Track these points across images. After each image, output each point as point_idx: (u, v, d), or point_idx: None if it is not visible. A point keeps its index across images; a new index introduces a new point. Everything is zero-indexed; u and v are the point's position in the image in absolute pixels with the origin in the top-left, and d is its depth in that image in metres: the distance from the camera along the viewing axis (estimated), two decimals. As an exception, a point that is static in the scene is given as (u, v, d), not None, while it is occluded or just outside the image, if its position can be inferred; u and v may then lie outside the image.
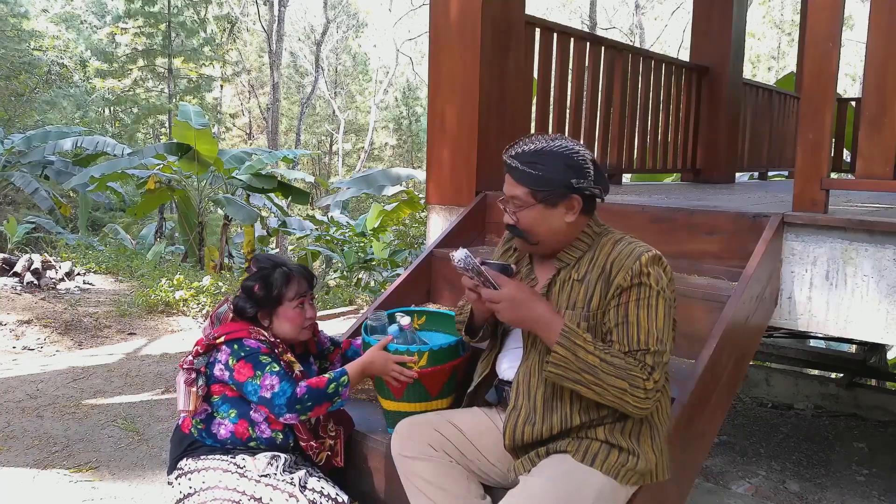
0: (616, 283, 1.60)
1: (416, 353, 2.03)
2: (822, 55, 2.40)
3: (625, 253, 1.63)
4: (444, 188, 3.50)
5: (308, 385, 1.95)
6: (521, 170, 1.65)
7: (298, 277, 2.12)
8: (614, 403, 1.56)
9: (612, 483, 1.63)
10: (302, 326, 2.12)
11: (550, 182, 1.63)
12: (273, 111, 22.91)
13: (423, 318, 2.44)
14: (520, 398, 1.73)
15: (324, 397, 1.95)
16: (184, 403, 2.06)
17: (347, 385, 1.98)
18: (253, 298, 2.08)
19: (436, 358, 2.05)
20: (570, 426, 1.66)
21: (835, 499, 3.59)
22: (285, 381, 1.94)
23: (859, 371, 5.42)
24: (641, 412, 1.56)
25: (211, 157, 9.33)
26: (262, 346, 2.01)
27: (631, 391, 1.52)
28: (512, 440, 1.72)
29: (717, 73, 5.15)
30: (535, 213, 1.66)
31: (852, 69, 24.77)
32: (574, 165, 1.64)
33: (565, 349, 1.54)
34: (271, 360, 1.99)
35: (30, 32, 20.12)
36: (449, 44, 3.37)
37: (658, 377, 1.55)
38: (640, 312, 1.58)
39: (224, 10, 25.47)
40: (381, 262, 10.34)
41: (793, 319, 2.55)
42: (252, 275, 2.12)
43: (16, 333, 5.04)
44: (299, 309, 2.11)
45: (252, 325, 2.08)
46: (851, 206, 2.89)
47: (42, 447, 3.21)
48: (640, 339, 1.56)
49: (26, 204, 15.10)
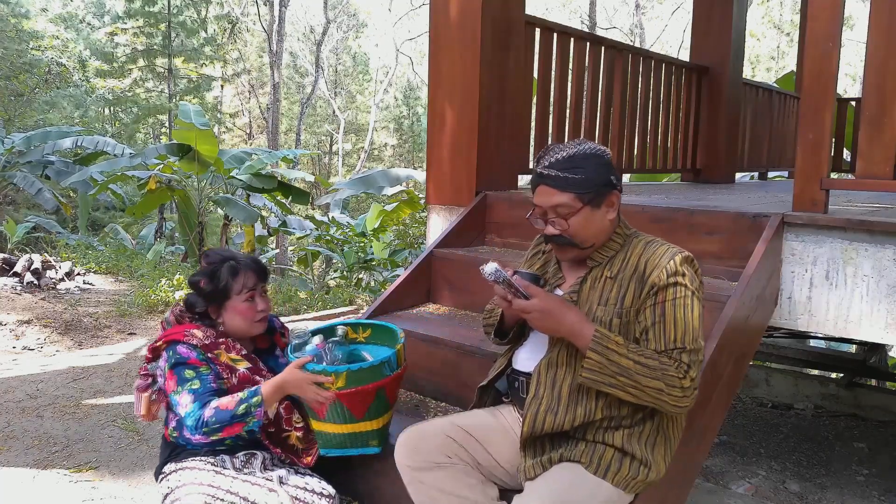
0: (650, 282, 1.63)
1: (334, 373, 1.93)
2: (822, 55, 2.40)
3: (658, 253, 1.67)
4: (444, 188, 3.50)
5: (217, 407, 1.88)
6: (562, 177, 1.66)
7: (246, 270, 2.06)
8: (653, 404, 1.58)
9: (619, 493, 1.64)
10: (254, 320, 2.07)
11: (593, 183, 1.67)
12: (273, 111, 22.90)
13: (369, 331, 2.32)
14: (541, 388, 1.73)
15: (233, 419, 1.88)
16: (136, 409, 2.12)
17: (261, 405, 1.89)
18: (201, 293, 2.05)
19: (355, 378, 1.95)
20: (592, 419, 1.66)
21: (835, 499, 3.59)
22: (197, 402, 1.89)
23: (859, 371, 5.42)
24: (681, 410, 1.59)
25: (211, 157, 9.33)
26: (192, 353, 1.96)
27: (668, 391, 1.54)
28: (531, 428, 1.71)
29: (717, 73, 5.15)
30: (583, 216, 1.68)
31: (852, 69, 24.76)
32: (607, 163, 1.71)
33: (598, 354, 1.57)
34: (195, 374, 1.94)
35: (29, 33, 20.12)
36: (449, 44, 3.37)
37: (694, 374, 1.57)
38: (676, 312, 1.60)
39: (224, 10, 25.47)
40: (381, 262, 10.35)
41: (793, 319, 2.55)
42: (199, 270, 2.09)
43: (16, 333, 5.04)
44: (249, 302, 2.06)
45: (201, 323, 2.06)
46: (851, 206, 2.89)
47: (42, 447, 3.21)
48: (676, 337, 1.59)
49: (26, 204, 15.11)
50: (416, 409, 2.50)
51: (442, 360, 2.57)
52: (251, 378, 2.02)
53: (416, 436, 1.84)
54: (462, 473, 1.78)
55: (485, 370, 2.39)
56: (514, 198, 3.32)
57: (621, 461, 1.64)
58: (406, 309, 2.99)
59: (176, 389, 1.93)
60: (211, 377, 1.97)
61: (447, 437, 1.81)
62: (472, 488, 1.77)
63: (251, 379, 2.02)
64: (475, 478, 1.80)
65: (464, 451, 1.81)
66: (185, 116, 9.37)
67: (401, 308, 2.97)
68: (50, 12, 24.38)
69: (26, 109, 18.23)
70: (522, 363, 1.86)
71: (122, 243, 11.28)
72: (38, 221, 13.10)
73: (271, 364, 2.17)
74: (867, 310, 2.38)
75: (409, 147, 31.13)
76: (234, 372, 2.01)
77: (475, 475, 1.80)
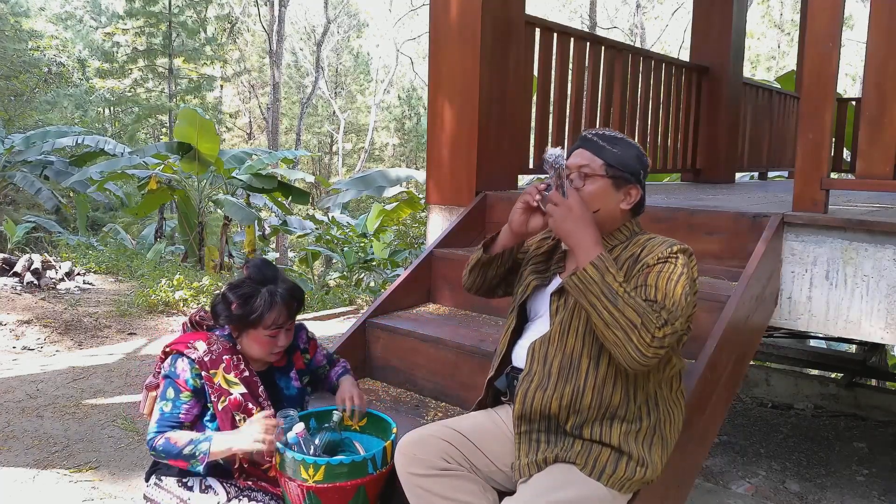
0: (643, 262, 1.65)
1: (312, 464, 1.80)
2: (822, 55, 2.40)
3: (657, 241, 1.70)
4: (444, 188, 3.50)
5: (167, 439, 1.87)
6: (601, 145, 1.74)
7: (281, 306, 1.96)
8: (617, 342, 1.52)
9: (614, 494, 1.64)
10: (270, 353, 2.00)
11: (625, 164, 1.73)
12: (273, 111, 22.89)
13: (364, 420, 2.16)
14: (534, 364, 1.74)
15: (178, 456, 1.85)
16: (142, 405, 2.13)
17: (206, 453, 1.83)
18: (229, 314, 1.98)
19: (334, 473, 1.81)
20: (579, 404, 1.65)
21: (835, 499, 3.59)
22: (158, 423, 1.90)
23: (859, 371, 5.42)
24: (637, 362, 1.51)
25: (212, 155, 9.33)
26: (185, 373, 1.93)
27: (640, 329, 1.49)
28: (521, 405, 1.72)
29: (717, 73, 5.15)
30: (600, 185, 1.73)
31: (852, 69, 24.76)
32: (643, 161, 1.77)
33: (596, 270, 1.55)
34: (174, 395, 1.93)
35: (29, 32, 20.12)
36: (449, 44, 3.37)
37: (669, 332, 1.51)
38: (659, 280, 1.60)
39: (225, 11, 25.47)
40: (382, 262, 10.35)
41: (793, 319, 2.55)
42: (236, 287, 1.99)
43: (16, 333, 5.04)
44: (271, 339, 1.97)
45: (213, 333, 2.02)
46: (851, 206, 2.89)
47: (42, 447, 3.21)
48: (657, 297, 1.57)
49: (26, 204, 15.11)
50: (416, 409, 2.50)
51: (442, 360, 2.57)
52: (242, 405, 1.95)
53: (414, 442, 1.83)
54: (462, 480, 1.78)
55: (485, 370, 2.39)
56: (514, 198, 3.31)
57: (617, 462, 1.64)
58: (406, 309, 2.99)
59: (157, 398, 1.96)
60: (186, 406, 1.93)
61: (446, 442, 1.81)
62: (473, 494, 1.77)
63: (242, 406, 1.95)
64: (476, 484, 1.79)
65: (462, 456, 1.81)
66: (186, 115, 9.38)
67: (401, 308, 2.97)
68: (48, 11, 24.36)
69: (26, 109, 18.23)
70: (522, 360, 1.86)
71: (122, 243, 11.29)
72: (38, 221, 13.11)
73: (283, 384, 2.09)
74: (867, 310, 2.38)
75: (412, 147, 31.10)
76: (225, 396, 1.94)
77: (475, 481, 1.80)
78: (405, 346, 2.68)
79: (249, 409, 1.96)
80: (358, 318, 2.85)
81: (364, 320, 2.81)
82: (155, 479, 2.03)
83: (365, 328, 2.80)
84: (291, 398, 2.08)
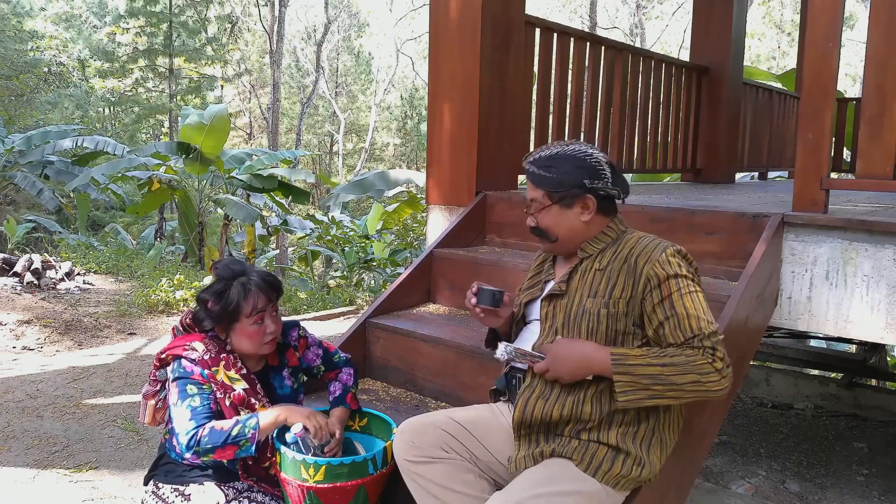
0: (645, 275, 1.64)
1: (313, 465, 1.81)
2: (822, 55, 2.40)
3: (650, 246, 1.69)
4: (444, 188, 3.50)
5: (212, 427, 1.84)
6: (538, 174, 1.75)
7: (257, 291, 1.95)
8: (697, 397, 1.58)
9: (608, 490, 1.64)
10: (262, 342, 1.98)
11: (564, 183, 1.73)
12: (274, 111, 22.88)
13: (365, 420, 2.19)
14: (535, 378, 1.76)
15: (227, 440, 1.82)
16: (141, 415, 2.13)
17: (257, 427, 1.84)
18: (209, 314, 1.97)
19: (335, 474, 1.82)
20: (580, 413, 1.66)
21: (835, 499, 3.59)
22: (194, 419, 1.86)
23: (859, 371, 5.42)
24: (724, 390, 1.58)
25: (214, 154, 9.33)
26: (196, 369, 1.93)
27: (704, 379, 1.55)
28: (522, 413, 1.73)
29: (717, 73, 5.15)
30: (552, 213, 1.76)
31: (852, 69, 24.74)
32: (587, 167, 1.73)
33: (623, 374, 1.58)
34: (197, 390, 1.91)
35: (29, 32, 20.12)
36: (449, 44, 3.37)
37: (722, 354, 1.57)
38: (684, 302, 1.61)
39: (226, 10, 25.47)
40: (382, 262, 10.34)
41: (793, 319, 2.55)
42: (207, 287, 1.98)
43: (16, 333, 5.04)
44: (258, 325, 1.95)
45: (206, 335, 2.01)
46: (851, 206, 2.89)
47: (42, 447, 3.22)
48: (691, 326, 1.59)
49: (26, 204, 15.11)
50: (417, 409, 2.50)
51: (442, 360, 2.57)
52: (245, 400, 1.96)
53: (413, 430, 1.85)
54: (458, 468, 1.79)
55: (485, 370, 2.40)
56: (513, 198, 3.33)
57: (613, 460, 1.64)
58: (406, 309, 3.00)
59: (176, 403, 1.91)
60: (212, 396, 1.93)
61: (444, 431, 1.82)
62: (468, 483, 1.78)
63: (245, 401, 1.96)
64: (471, 473, 1.80)
65: (461, 445, 1.82)
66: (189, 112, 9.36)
67: (401, 308, 2.97)
68: (49, 11, 24.36)
69: (26, 109, 18.23)
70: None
71: (123, 243, 11.28)
72: (38, 221, 13.11)
73: (276, 384, 2.08)
74: (867, 310, 2.38)
75: (413, 147, 31.08)
76: (229, 392, 1.95)
77: (471, 470, 1.81)
78: (405, 346, 2.68)
79: (253, 405, 1.97)
80: (358, 318, 2.85)
81: (364, 320, 2.81)
82: (153, 485, 2.02)
83: (365, 328, 2.80)
84: (285, 397, 2.08)
